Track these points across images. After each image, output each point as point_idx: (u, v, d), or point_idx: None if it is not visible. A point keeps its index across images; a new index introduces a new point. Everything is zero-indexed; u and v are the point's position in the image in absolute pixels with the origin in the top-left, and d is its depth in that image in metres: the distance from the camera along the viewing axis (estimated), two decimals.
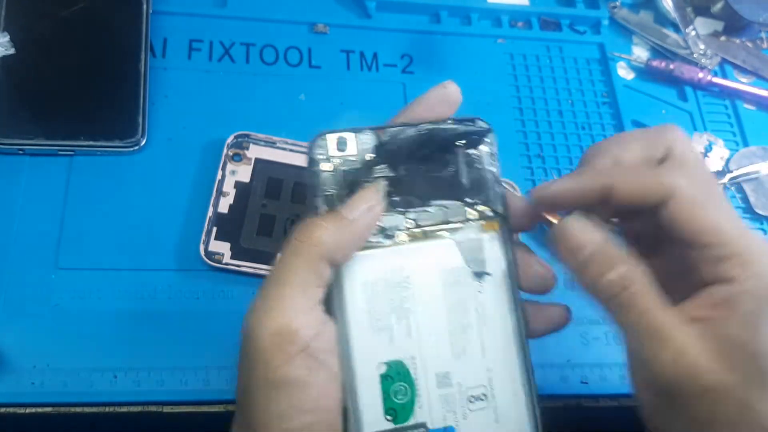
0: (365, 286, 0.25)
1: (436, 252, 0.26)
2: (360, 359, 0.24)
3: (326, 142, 0.25)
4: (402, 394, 0.25)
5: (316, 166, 0.25)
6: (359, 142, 0.25)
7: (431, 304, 0.25)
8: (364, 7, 0.48)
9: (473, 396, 0.26)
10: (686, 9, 0.52)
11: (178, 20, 0.45)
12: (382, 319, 0.25)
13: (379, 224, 0.25)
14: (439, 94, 0.27)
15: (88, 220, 0.38)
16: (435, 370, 0.25)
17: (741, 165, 0.47)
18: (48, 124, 0.39)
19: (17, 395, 0.33)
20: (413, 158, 0.25)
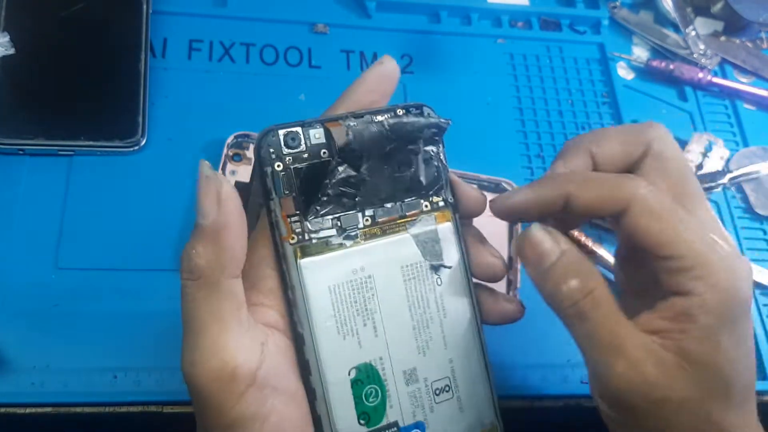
0: (330, 292, 0.24)
1: (395, 248, 0.25)
2: (330, 367, 0.24)
3: (277, 139, 0.23)
4: (373, 396, 0.25)
5: (267, 166, 0.23)
6: (310, 137, 0.24)
7: (394, 302, 0.25)
8: (364, 7, 0.48)
9: (438, 388, 0.26)
10: (686, 9, 0.52)
11: (178, 20, 0.45)
12: (348, 323, 0.24)
13: (338, 224, 0.24)
14: (377, 73, 0.26)
15: (88, 220, 0.38)
16: (402, 368, 0.25)
17: (741, 165, 0.47)
18: (48, 124, 0.39)
19: (17, 395, 0.33)
20: (374, 155, 0.24)
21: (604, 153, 0.26)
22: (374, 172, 0.24)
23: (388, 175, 0.25)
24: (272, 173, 0.23)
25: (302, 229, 0.24)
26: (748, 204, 0.46)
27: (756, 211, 0.46)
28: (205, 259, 0.21)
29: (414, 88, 0.46)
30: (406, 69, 0.47)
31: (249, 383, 0.21)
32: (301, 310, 0.23)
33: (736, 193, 0.47)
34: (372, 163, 0.24)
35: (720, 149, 0.48)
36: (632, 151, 0.25)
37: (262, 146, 0.23)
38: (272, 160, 0.23)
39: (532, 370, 0.38)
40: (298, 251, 0.23)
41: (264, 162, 0.23)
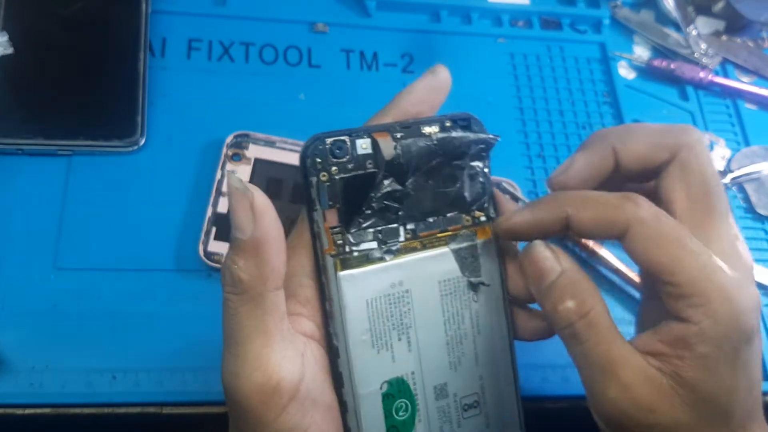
0: (367, 305, 0.24)
1: (434, 262, 0.25)
2: (363, 380, 0.23)
3: (324, 148, 0.23)
4: (403, 411, 0.24)
5: (313, 177, 0.23)
6: (357, 147, 0.23)
7: (430, 317, 0.25)
8: (364, 7, 0.48)
9: (467, 404, 0.26)
10: (687, 8, 0.52)
11: (178, 20, 0.45)
12: (383, 338, 0.24)
13: (379, 237, 0.24)
14: (428, 83, 0.25)
15: (87, 220, 0.38)
16: (433, 383, 0.25)
17: (742, 165, 0.47)
18: (46, 123, 0.39)
19: (15, 396, 0.33)
20: (421, 170, 0.24)
21: (628, 151, 0.25)
22: (419, 187, 0.24)
23: (432, 189, 0.24)
24: (317, 183, 0.23)
25: (343, 241, 0.23)
26: (749, 204, 0.46)
27: (757, 210, 0.46)
28: (248, 273, 0.21)
29: None
30: (406, 68, 0.47)
31: (291, 396, 0.21)
32: (338, 323, 0.23)
33: (738, 192, 0.47)
34: (418, 177, 0.24)
35: (721, 149, 0.47)
36: (658, 155, 0.24)
37: (308, 155, 0.23)
38: (318, 170, 0.23)
39: (533, 370, 0.38)
40: (338, 264, 0.23)
41: (310, 172, 0.23)
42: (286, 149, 0.41)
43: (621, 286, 0.41)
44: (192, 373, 0.35)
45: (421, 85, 0.25)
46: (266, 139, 0.41)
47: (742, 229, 0.45)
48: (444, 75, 0.25)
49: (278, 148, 0.41)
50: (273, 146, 0.41)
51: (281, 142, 0.41)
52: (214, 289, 0.37)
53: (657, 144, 0.24)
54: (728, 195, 0.46)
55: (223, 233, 0.38)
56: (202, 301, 0.37)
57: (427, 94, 0.25)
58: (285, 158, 0.40)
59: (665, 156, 0.24)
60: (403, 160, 0.23)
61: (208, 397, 0.34)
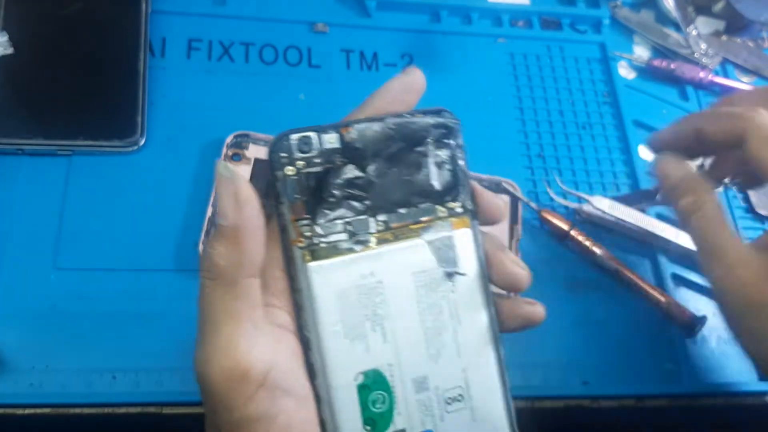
0: (338, 296, 0.24)
1: (408, 253, 0.25)
2: (336, 372, 0.23)
3: (289, 144, 0.23)
4: (380, 403, 0.24)
5: (279, 171, 0.23)
6: (323, 142, 0.24)
7: (405, 308, 0.25)
8: (364, 7, 0.48)
9: (450, 398, 0.25)
10: (687, 8, 0.52)
11: (177, 20, 0.45)
12: (356, 328, 0.24)
13: (349, 228, 0.24)
14: (403, 83, 0.25)
15: (87, 220, 0.38)
16: (412, 375, 0.25)
17: None
18: (47, 123, 0.39)
19: (16, 396, 0.33)
20: (381, 156, 0.24)
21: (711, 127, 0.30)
22: (383, 175, 0.24)
23: (398, 178, 0.24)
24: (283, 177, 0.23)
25: (312, 233, 0.23)
26: (749, 204, 0.46)
27: (757, 211, 0.46)
28: (225, 259, 0.21)
29: None
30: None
31: (260, 384, 0.21)
32: (308, 314, 0.23)
33: (738, 193, 0.47)
34: (379, 164, 0.24)
35: None
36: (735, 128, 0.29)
37: (274, 150, 0.23)
38: (283, 164, 0.23)
39: (532, 370, 0.38)
40: (307, 254, 0.23)
41: (275, 166, 0.23)
42: None
43: (621, 285, 0.41)
44: (192, 373, 0.35)
45: (395, 84, 0.25)
46: (266, 139, 0.41)
47: (742, 229, 0.45)
48: (418, 75, 0.26)
49: None
50: None
51: None
52: None
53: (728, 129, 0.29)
54: (728, 195, 0.46)
55: None
56: None
57: (400, 93, 0.25)
58: None
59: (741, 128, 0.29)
60: (359, 144, 0.23)
61: None
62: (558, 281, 0.41)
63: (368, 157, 0.24)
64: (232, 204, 0.21)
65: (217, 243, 0.21)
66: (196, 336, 0.22)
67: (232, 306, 0.21)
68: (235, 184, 0.21)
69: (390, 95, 0.25)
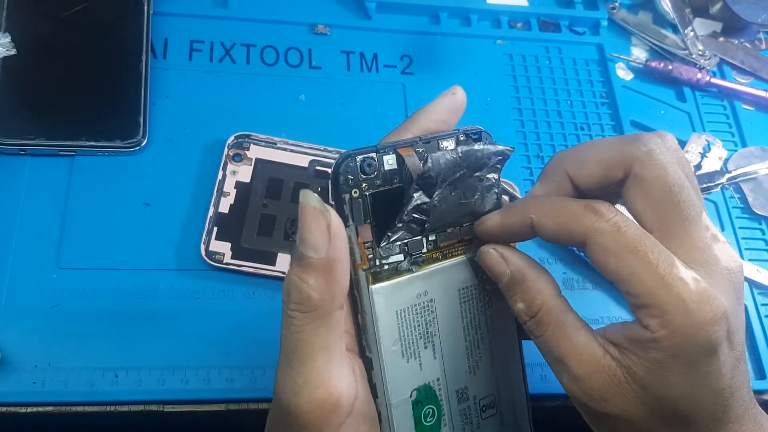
0: (397, 316, 0.24)
1: (453, 271, 0.26)
2: (395, 390, 0.24)
3: (355, 165, 0.23)
4: (431, 417, 0.25)
5: (345, 193, 0.23)
6: (383, 163, 0.24)
7: (452, 324, 0.26)
8: (364, 8, 0.49)
9: (485, 405, 0.27)
10: (685, 10, 0.52)
11: (179, 21, 0.45)
12: (411, 347, 0.25)
13: (406, 249, 0.24)
14: (448, 103, 0.26)
15: (90, 220, 0.38)
16: (455, 387, 0.26)
17: (739, 165, 0.47)
18: (49, 124, 0.39)
19: (18, 394, 0.33)
20: (447, 183, 0.24)
21: (582, 177, 0.25)
22: (443, 199, 0.25)
23: (454, 201, 0.25)
24: (350, 200, 0.23)
25: (374, 255, 0.24)
26: (746, 204, 0.47)
27: (754, 211, 0.46)
28: (318, 292, 0.21)
29: (414, 88, 0.47)
30: (405, 70, 0.48)
31: (348, 412, 0.22)
32: (371, 335, 0.24)
33: (735, 193, 0.47)
34: (443, 190, 0.24)
35: (718, 149, 0.48)
36: (612, 174, 0.24)
37: (341, 173, 0.23)
38: (350, 186, 0.23)
39: (531, 368, 0.38)
40: (370, 277, 0.24)
41: (342, 189, 0.23)
42: (287, 150, 0.41)
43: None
44: (193, 371, 0.35)
45: (441, 105, 0.26)
46: (267, 140, 0.41)
47: (739, 229, 0.46)
48: (461, 95, 0.26)
49: (279, 148, 0.41)
50: (274, 147, 0.41)
51: (282, 142, 0.41)
52: (215, 289, 0.38)
53: (609, 163, 0.24)
54: (725, 195, 0.47)
55: (224, 233, 0.38)
56: (204, 300, 0.37)
57: (446, 113, 0.26)
58: (286, 159, 0.41)
59: (620, 174, 0.24)
60: (433, 173, 0.24)
61: (210, 395, 0.35)
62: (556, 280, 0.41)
63: (436, 184, 0.24)
64: (324, 237, 0.21)
65: (308, 276, 0.21)
66: (280, 366, 0.22)
67: (325, 338, 0.22)
68: (325, 216, 0.21)
69: (436, 115, 0.26)
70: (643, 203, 0.23)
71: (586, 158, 0.25)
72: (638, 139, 0.24)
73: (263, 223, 0.39)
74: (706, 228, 0.23)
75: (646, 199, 0.23)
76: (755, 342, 0.41)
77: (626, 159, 0.24)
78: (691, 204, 0.23)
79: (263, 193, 0.40)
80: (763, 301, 0.43)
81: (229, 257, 0.38)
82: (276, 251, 0.38)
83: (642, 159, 0.23)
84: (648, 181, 0.23)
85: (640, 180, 0.23)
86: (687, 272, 0.22)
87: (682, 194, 0.23)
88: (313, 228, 0.21)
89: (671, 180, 0.23)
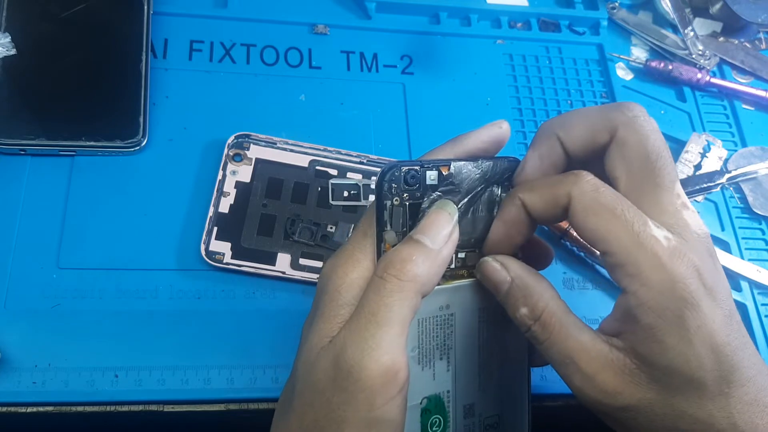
0: (418, 324, 0.25)
1: (476, 290, 0.26)
2: (409, 395, 0.24)
3: (400, 176, 0.24)
4: (437, 426, 0.26)
5: (387, 200, 0.24)
6: (426, 178, 0.25)
7: (468, 341, 0.26)
8: (364, 8, 0.49)
9: (489, 424, 0.27)
10: (685, 10, 0.52)
11: (179, 21, 0.45)
12: (428, 355, 0.25)
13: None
14: (493, 134, 0.27)
15: (90, 220, 0.38)
16: (463, 402, 0.27)
17: (739, 165, 0.47)
18: (49, 124, 0.39)
19: (18, 394, 0.33)
20: (470, 196, 0.26)
21: (571, 139, 0.25)
22: (466, 213, 0.26)
23: (476, 217, 0.26)
24: (391, 207, 0.24)
25: None
26: (746, 204, 0.47)
27: (754, 210, 0.46)
28: (420, 269, 0.23)
29: (414, 89, 0.47)
30: (405, 70, 0.48)
31: (401, 388, 0.23)
32: None
33: (735, 193, 0.47)
34: (466, 202, 0.26)
35: (718, 149, 0.48)
36: (599, 138, 0.25)
37: (386, 180, 0.24)
38: (393, 194, 0.24)
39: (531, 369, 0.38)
40: None
41: (386, 195, 0.24)
42: (287, 150, 0.41)
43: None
44: (193, 371, 0.35)
45: (486, 133, 0.27)
46: (267, 140, 0.41)
47: (739, 229, 0.46)
48: (507, 129, 0.27)
49: (279, 148, 0.41)
50: (274, 147, 0.41)
51: (282, 142, 0.41)
52: (215, 289, 0.38)
53: (596, 127, 0.25)
54: (725, 195, 0.47)
55: (224, 233, 0.38)
56: (204, 300, 0.37)
57: (489, 142, 0.27)
58: (286, 159, 0.41)
59: (605, 137, 0.25)
60: (455, 180, 0.25)
61: (210, 395, 0.35)
62: (556, 280, 0.41)
63: (459, 192, 0.25)
64: (444, 237, 0.24)
65: (419, 256, 0.23)
66: (352, 325, 0.23)
67: (406, 312, 0.23)
68: (454, 224, 0.25)
69: (480, 142, 0.27)
70: (621, 167, 0.24)
71: (574, 122, 0.26)
72: (624, 106, 0.25)
73: (263, 223, 0.39)
74: (677, 195, 0.24)
75: (624, 162, 0.24)
76: (755, 342, 0.41)
77: (612, 123, 0.25)
78: (667, 172, 0.24)
79: (263, 193, 0.40)
80: (763, 301, 0.43)
81: (229, 257, 0.38)
82: (276, 251, 0.38)
83: (627, 123, 0.24)
84: (629, 146, 0.24)
85: (623, 144, 0.24)
86: (659, 231, 0.23)
87: (659, 161, 0.24)
88: (440, 226, 0.24)
89: (651, 146, 0.24)
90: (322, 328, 0.24)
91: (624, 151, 0.24)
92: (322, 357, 0.23)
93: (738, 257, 0.44)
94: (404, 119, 0.45)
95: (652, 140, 0.24)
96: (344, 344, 0.22)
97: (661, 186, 0.24)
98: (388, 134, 0.44)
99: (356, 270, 0.24)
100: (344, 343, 0.22)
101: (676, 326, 0.22)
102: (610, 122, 0.25)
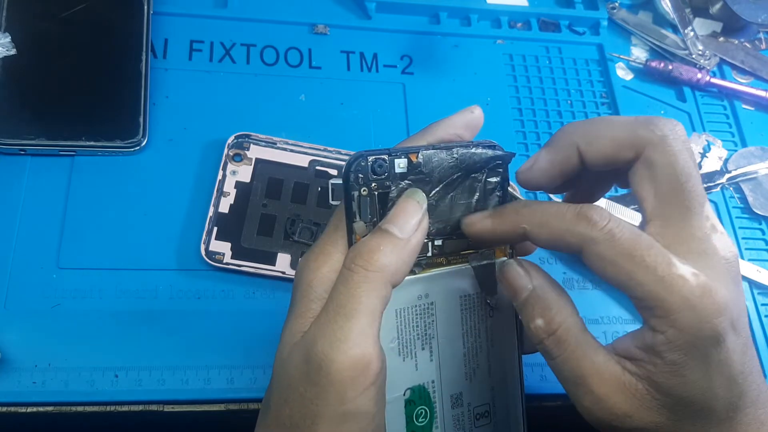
0: (396, 314, 0.25)
1: (456, 278, 0.26)
2: (389, 386, 0.24)
3: (366, 165, 0.24)
4: (423, 417, 0.26)
5: (355, 191, 0.24)
6: (395, 166, 0.24)
7: (451, 329, 0.26)
8: (364, 8, 0.49)
9: (479, 414, 0.27)
10: (685, 10, 0.52)
11: (179, 21, 0.45)
12: (408, 346, 0.25)
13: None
14: (466, 119, 0.26)
15: (90, 220, 0.38)
16: (450, 392, 0.26)
17: (739, 165, 0.47)
18: (49, 124, 0.39)
19: (18, 394, 0.33)
20: (444, 184, 0.25)
21: (592, 152, 0.24)
22: (442, 200, 0.25)
23: (454, 204, 0.25)
24: (358, 198, 0.24)
25: None
26: (746, 204, 0.47)
27: (754, 210, 0.46)
28: (387, 259, 0.23)
29: (414, 88, 0.47)
30: (405, 70, 0.48)
31: (373, 381, 0.22)
32: None
33: (735, 193, 0.47)
34: (440, 190, 0.25)
35: (718, 149, 0.48)
36: (623, 154, 0.24)
37: (352, 171, 0.24)
38: (360, 185, 0.24)
39: (531, 369, 0.38)
40: None
41: (352, 186, 0.24)
42: (287, 150, 0.41)
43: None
44: (193, 371, 0.35)
45: (459, 119, 0.26)
46: (267, 140, 0.41)
47: (739, 229, 0.46)
48: (479, 114, 0.27)
49: (279, 148, 0.41)
50: (274, 147, 0.41)
51: (282, 142, 0.41)
52: (215, 289, 0.38)
53: (621, 143, 0.24)
54: (725, 195, 0.47)
55: (224, 233, 0.38)
56: (204, 300, 0.37)
57: (462, 127, 0.26)
58: (286, 158, 0.41)
59: (630, 155, 0.24)
60: (425, 169, 0.24)
61: (210, 395, 0.35)
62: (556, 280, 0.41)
63: (429, 181, 0.25)
64: (413, 226, 0.23)
65: (386, 245, 0.23)
66: (319, 321, 0.23)
67: (375, 303, 0.22)
68: (423, 213, 0.24)
69: (452, 128, 0.26)
70: (650, 188, 0.23)
71: (599, 135, 0.24)
72: (653, 123, 0.24)
73: (263, 223, 0.39)
74: (706, 218, 0.23)
75: (653, 184, 0.23)
76: (755, 342, 0.41)
77: (640, 141, 0.24)
78: (696, 194, 0.23)
79: (263, 193, 0.40)
80: (763, 301, 0.43)
81: (229, 257, 0.38)
82: (276, 251, 0.38)
83: (655, 143, 0.23)
84: (658, 167, 0.23)
85: (651, 164, 0.23)
86: (685, 268, 0.22)
87: (689, 183, 0.23)
88: (409, 215, 0.23)
89: (681, 168, 0.23)
90: (294, 324, 0.23)
91: (652, 172, 0.23)
92: (294, 353, 0.23)
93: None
94: (404, 119, 0.45)
95: (682, 161, 0.23)
96: (314, 338, 0.22)
97: (691, 209, 0.23)
98: (388, 134, 0.44)
99: (327, 264, 0.24)
100: (314, 337, 0.22)
101: (700, 363, 0.22)
102: (637, 140, 0.24)
